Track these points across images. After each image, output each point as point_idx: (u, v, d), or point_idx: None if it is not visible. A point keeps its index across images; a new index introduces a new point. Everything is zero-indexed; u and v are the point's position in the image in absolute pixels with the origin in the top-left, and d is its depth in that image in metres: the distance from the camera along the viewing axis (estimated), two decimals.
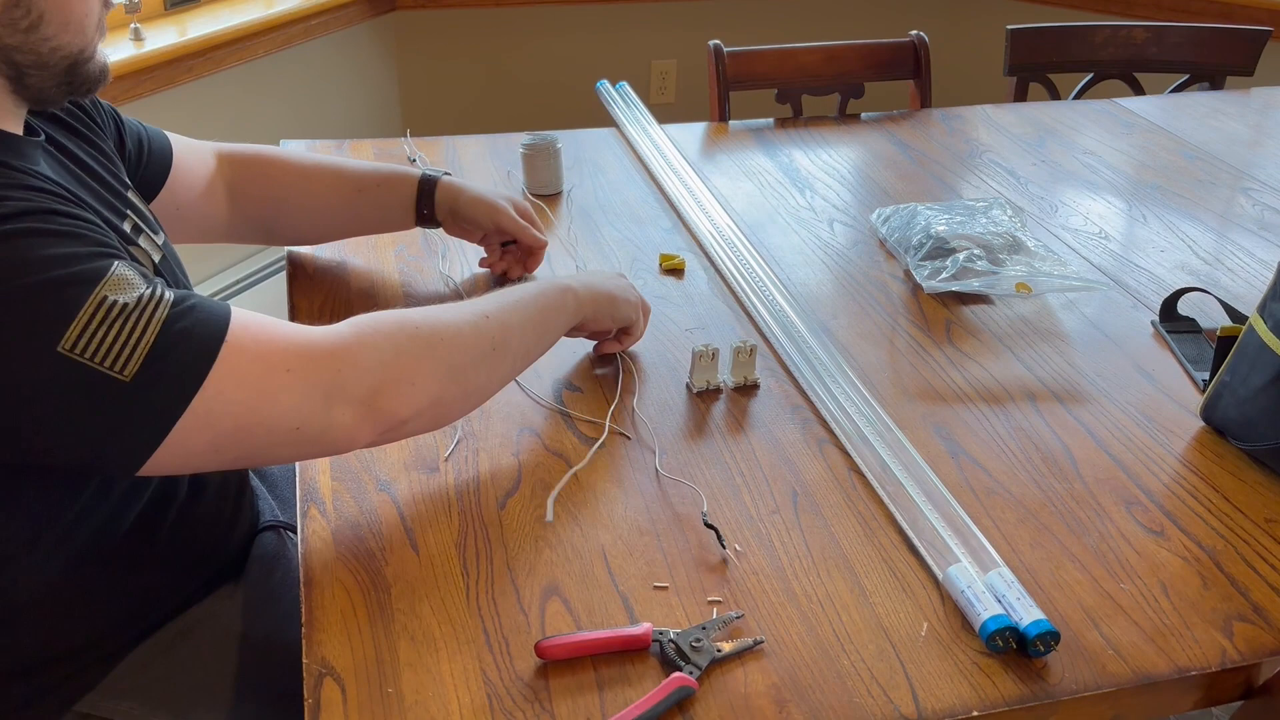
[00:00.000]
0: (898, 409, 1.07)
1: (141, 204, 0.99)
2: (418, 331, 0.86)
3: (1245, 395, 0.99)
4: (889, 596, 0.85)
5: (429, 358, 0.86)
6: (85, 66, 0.84)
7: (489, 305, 0.93)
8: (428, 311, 0.89)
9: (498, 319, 0.92)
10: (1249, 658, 0.80)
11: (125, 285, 0.73)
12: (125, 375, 0.71)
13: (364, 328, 0.84)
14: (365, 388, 0.81)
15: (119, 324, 0.72)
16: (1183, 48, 2.06)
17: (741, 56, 1.91)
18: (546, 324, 0.99)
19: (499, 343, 0.91)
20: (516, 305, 0.95)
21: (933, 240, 1.31)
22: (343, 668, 0.76)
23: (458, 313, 0.90)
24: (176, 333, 0.74)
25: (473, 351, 0.89)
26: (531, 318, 0.97)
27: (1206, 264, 1.37)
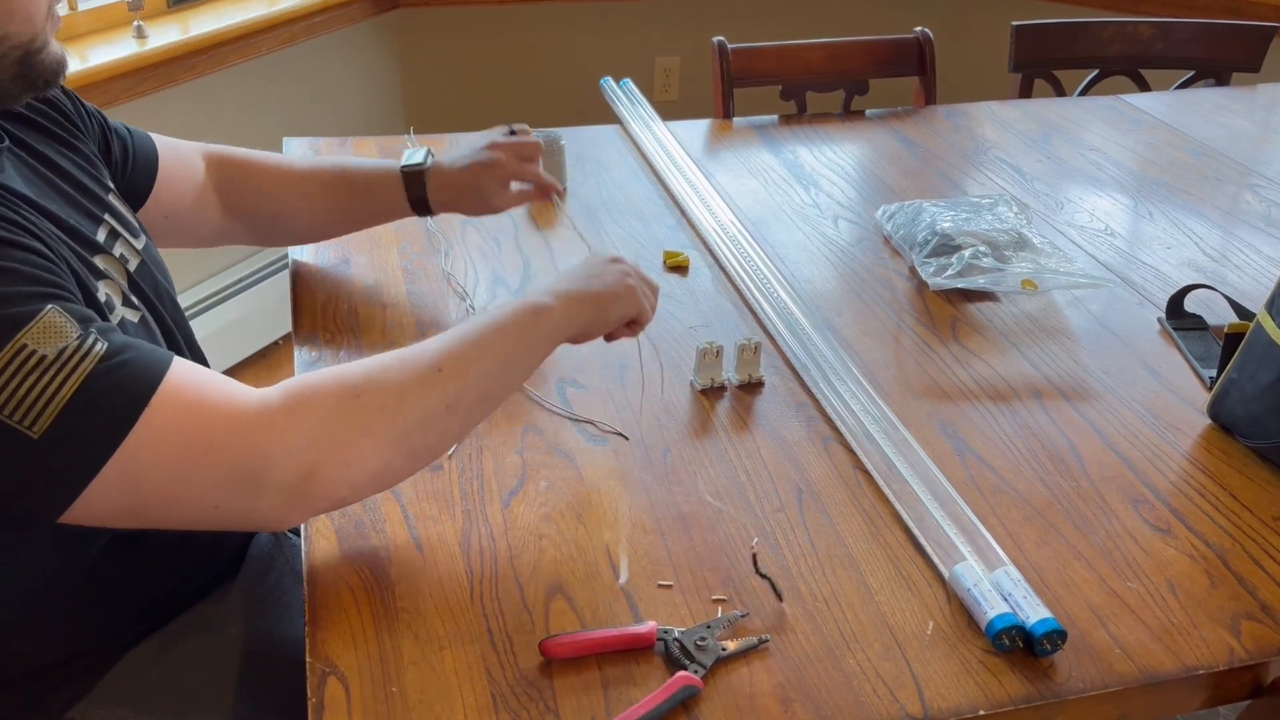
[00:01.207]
0: (903, 407, 1.06)
1: (124, 207, 0.97)
2: (358, 399, 0.77)
3: (1253, 393, 0.98)
4: (894, 595, 0.84)
5: (369, 430, 0.77)
6: (38, 57, 0.81)
7: (444, 353, 0.83)
8: (370, 370, 0.80)
9: (453, 371, 0.82)
10: (1256, 657, 0.80)
11: (51, 333, 0.69)
12: (34, 432, 0.68)
13: (297, 397, 0.77)
14: (294, 471, 0.74)
15: (34, 377, 0.68)
16: (1189, 44, 2.06)
17: (745, 53, 1.90)
18: (517, 360, 0.88)
19: (454, 400, 0.82)
20: (477, 346, 0.85)
21: (938, 237, 1.31)
22: (346, 667, 0.76)
23: (406, 367, 0.81)
24: (96, 391, 0.69)
25: (421, 414, 0.80)
26: (497, 358, 0.85)
27: (1213, 261, 1.36)
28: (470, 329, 0.86)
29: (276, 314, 2.48)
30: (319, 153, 1.58)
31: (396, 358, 0.82)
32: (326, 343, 1.14)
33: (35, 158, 0.90)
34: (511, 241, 1.36)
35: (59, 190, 0.89)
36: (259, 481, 0.74)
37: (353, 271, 1.28)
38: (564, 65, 3.13)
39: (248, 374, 2.45)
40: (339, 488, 0.77)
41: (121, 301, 0.86)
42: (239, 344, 2.46)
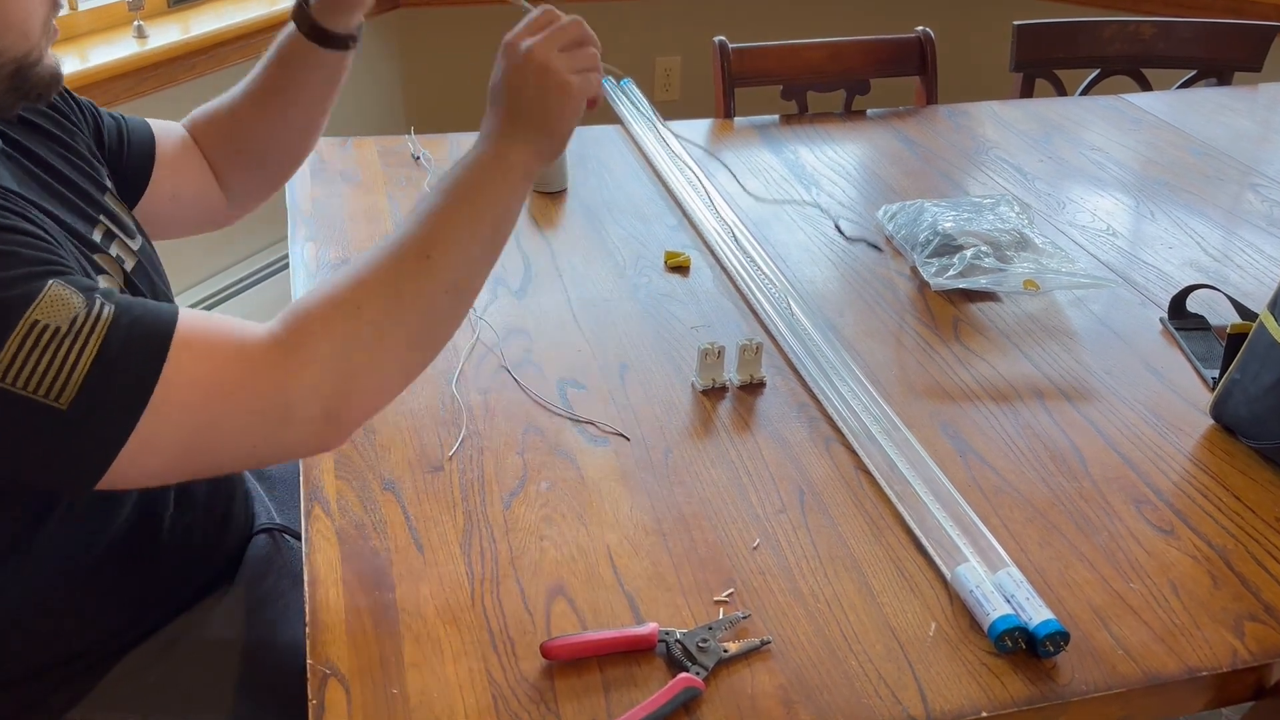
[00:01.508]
0: (905, 407, 1.06)
1: (120, 207, 0.97)
2: (360, 312, 0.76)
3: (1256, 393, 0.98)
4: (897, 596, 0.84)
5: (381, 339, 0.77)
6: (33, 71, 0.80)
7: (428, 238, 0.80)
8: (362, 277, 0.78)
9: (443, 254, 0.79)
10: (1260, 658, 0.79)
11: (59, 307, 0.69)
12: (61, 404, 0.68)
13: (300, 328, 0.76)
14: (319, 399, 0.74)
15: (51, 350, 0.68)
16: (1190, 43, 2.05)
17: (746, 53, 1.90)
18: (501, 218, 0.84)
19: (452, 282, 0.80)
20: (459, 220, 0.81)
21: (940, 237, 1.31)
22: (347, 669, 0.76)
23: (397, 264, 0.79)
24: (114, 354, 0.70)
25: (426, 306, 0.79)
26: (483, 224, 0.82)
27: (1215, 261, 1.36)
28: (445, 202, 0.82)
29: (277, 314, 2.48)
30: (320, 153, 1.58)
31: (383, 255, 0.79)
32: None
33: (31, 160, 0.89)
34: (512, 241, 1.36)
35: (54, 193, 0.89)
36: (287, 416, 0.74)
37: None
38: None
39: None
40: (368, 400, 0.78)
41: None
42: None
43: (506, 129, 0.85)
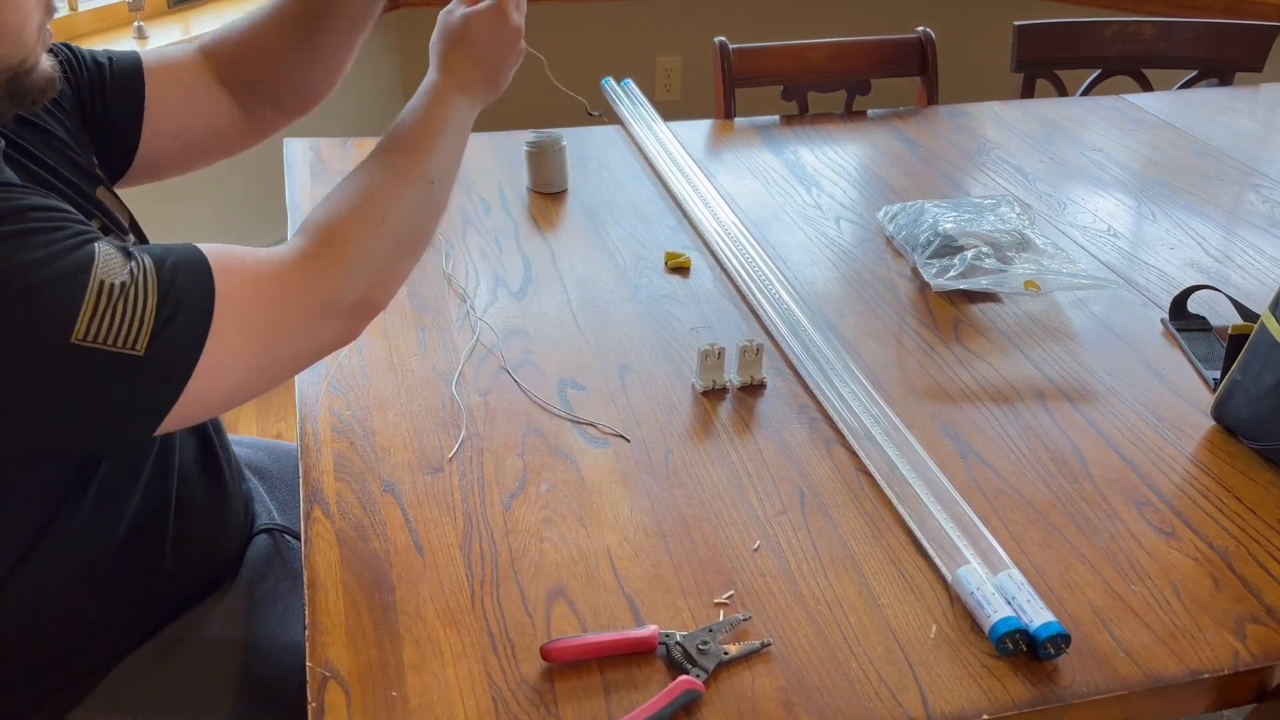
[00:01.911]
0: (905, 408, 1.06)
1: (112, 202, 0.96)
2: (384, 225, 0.88)
3: (1257, 394, 0.98)
4: (897, 598, 0.84)
5: (401, 249, 0.89)
6: (28, 78, 0.80)
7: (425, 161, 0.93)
8: (378, 192, 0.89)
9: (438, 173, 0.93)
10: (1262, 660, 0.79)
11: (114, 264, 0.74)
12: (139, 349, 0.73)
13: (332, 235, 0.85)
14: (353, 298, 0.85)
15: (121, 303, 0.73)
16: (1191, 44, 2.05)
17: (747, 53, 1.90)
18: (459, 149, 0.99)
19: (441, 201, 0.94)
20: (441, 152, 0.94)
21: (940, 238, 1.31)
22: (347, 671, 0.76)
23: (403, 181, 0.91)
24: (173, 297, 0.75)
25: (430, 224, 0.93)
26: (456, 152, 0.97)
27: (1216, 261, 1.36)
28: (421, 134, 0.94)
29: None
30: (319, 154, 1.58)
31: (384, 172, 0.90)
32: None
33: (25, 155, 0.89)
34: (512, 242, 1.36)
35: (49, 188, 0.89)
36: (325, 318, 0.83)
37: None
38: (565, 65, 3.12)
39: None
40: (385, 298, 0.88)
41: None
42: None
43: (461, 71, 0.99)
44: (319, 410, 1.03)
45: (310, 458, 0.97)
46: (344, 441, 0.99)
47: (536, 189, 1.49)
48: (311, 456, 0.97)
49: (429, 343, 1.14)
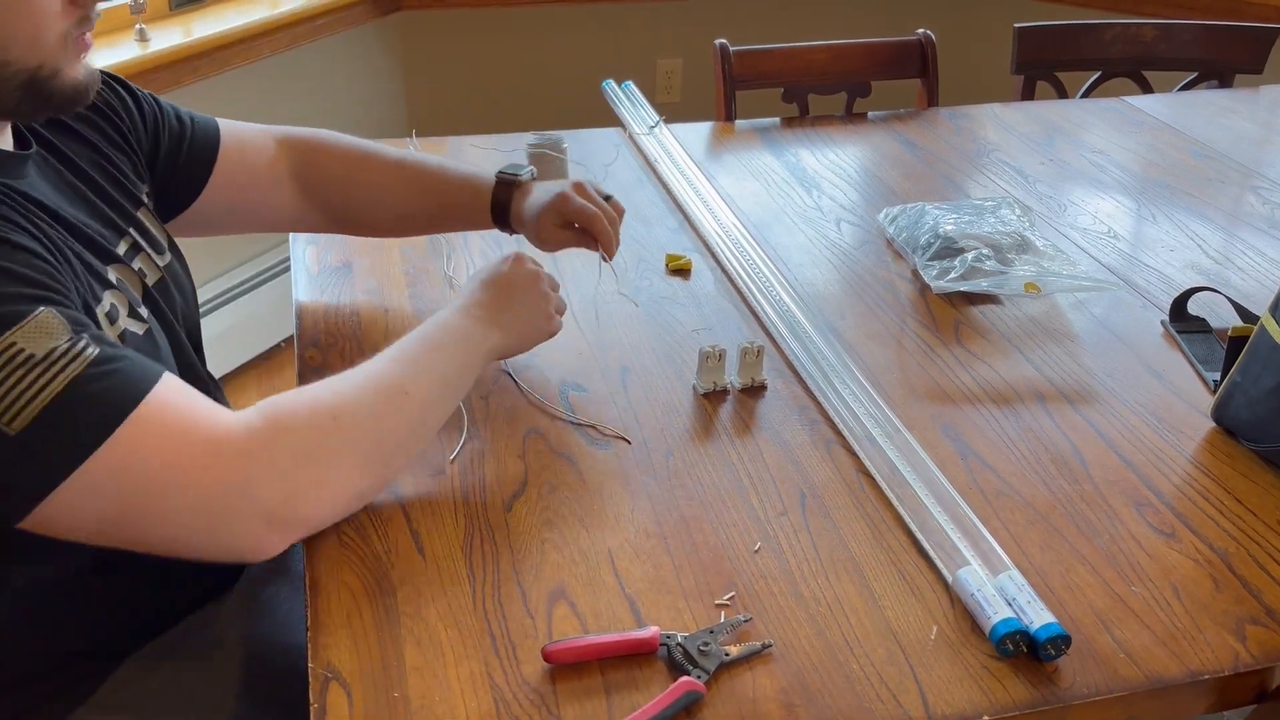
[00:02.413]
0: (906, 410, 1.06)
1: (153, 223, 0.98)
2: (336, 422, 0.80)
3: (1257, 396, 0.98)
4: (898, 600, 0.84)
5: (348, 455, 0.80)
6: (49, 84, 0.80)
7: (407, 376, 0.86)
8: (343, 392, 0.82)
9: (419, 396, 0.86)
10: (1262, 661, 0.79)
11: (43, 334, 0.70)
12: (12, 428, 0.68)
13: (275, 421, 0.77)
14: (275, 495, 0.75)
15: (19, 374, 0.68)
16: (1191, 45, 2.05)
17: (747, 55, 1.90)
18: (460, 385, 0.93)
19: (416, 425, 0.86)
20: (435, 374, 0.89)
21: (941, 240, 1.31)
22: (348, 672, 0.76)
23: (377, 392, 0.84)
24: (80, 396, 0.70)
25: (393, 438, 0.84)
26: (450, 383, 0.91)
27: (1216, 263, 1.36)
28: (420, 349, 0.90)
29: (279, 317, 2.48)
30: None
31: (360, 382, 0.84)
32: (328, 345, 1.14)
33: (66, 165, 0.90)
34: (513, 244, 1.36)
35: (83, 199, 0.90)
36: (236, 508, 0.74)
37: (355, 275, 1.27)
38: (566, 67, 3.13)
39: (250, 376, 2.46)
40: (318, 511, 0.79)
41: (128, 313, 0.86)
42: (242, 347, 2.46)
43: (492, 317, 0.96)
44: None
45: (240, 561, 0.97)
46: None
47: None
48: None
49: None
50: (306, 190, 1.14)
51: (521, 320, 0.99)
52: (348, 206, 1.16)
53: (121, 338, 0.84)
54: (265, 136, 1.14)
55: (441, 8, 2.94)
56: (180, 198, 1.07)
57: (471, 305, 0.96)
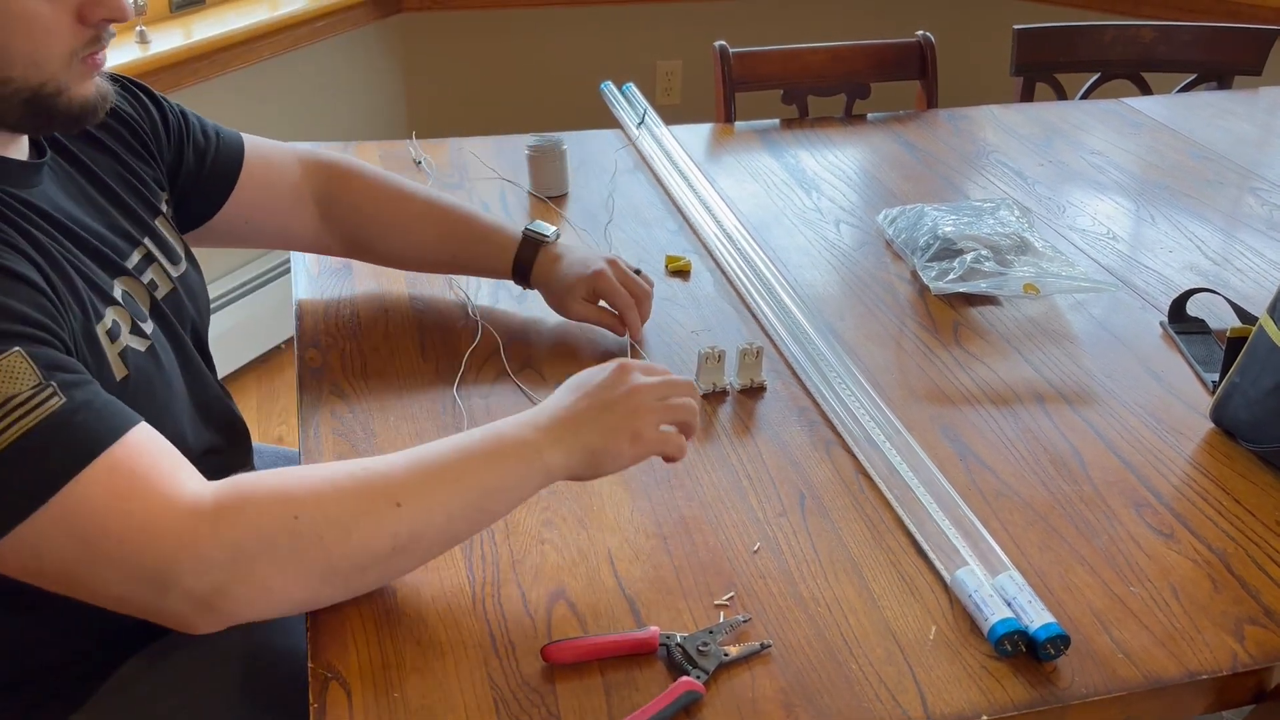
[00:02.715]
0: (905, 411, 1.06)
1: (171, 233, 0.98)
2: (296, 523, 0.71)
3: (1255, 396, 0.98)
4: (897, 600, 0.84)
5: (299, 560, 0.72)
6: (53, 102, 0.79)
7: (409, 484, 0.75)
8: (319, 487, 0.74)
9: (415, 509, 0.75)
10: (1260, 661, 0.80)
11: (6, 379, 0.68)
12: None
13: (230, 506, 0.71)
14: (205, 585, 0.70)
15: None
16: (1190, 47, 2.05)
17: (747, 57, 1.90)
18: (492, 505, 0.79)
19: (406, 542, 0.75)
20: (451, 482, 0.77)
21: (940, 241, 1.31)
22: (348, 672, 0.76)
23: (361, 493, 0.74)
24: (29, 449, 0.68)
25: (365, 555, 0.74)
26: (470, 499, 0.78)
27: (1215, 264, 1.36)
28: (449, 455, 0.78)
29: (279, 318, 2.49)
30: None
31: (352, 476, 0.75)
32: (329, 346, 1.14)
33: (83, 172, 0.90)
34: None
35: (97, 208, 0.90)
36: (165, 586, 0.70)
37: (355, 276, 1.28)
38: (566, 69, 3.13)
39: (250, 378, 2.46)
40: (252, 610, 0.72)
41: (130, 329, 0.86)
42: (242, 348, 2.46)
43: (561, 429, 0.81)
44: (321, 413, 1.04)
45: (312, 461, 0.97)
46: (345, 445, 0.99)
47: (537, 193, 1.50)
48: (313, 460, 0.97)
49: (430, 346, 1.15)
50: (328, 216, 1.15)
51: (597, 443, 0.81)
52: (369, 238, 1.16)
53: (122, 355, 0.84)
54: (291, 156, 1.13)
55: (442, 10, 2.94)
56: (200, 211, 1.07)
57: (542, 415, 0.82)
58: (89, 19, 0.79)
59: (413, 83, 3.03)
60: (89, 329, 0.81)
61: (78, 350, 0.79)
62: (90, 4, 0.79)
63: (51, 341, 0.73)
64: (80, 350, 0.79)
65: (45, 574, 0.71)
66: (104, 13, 0.79)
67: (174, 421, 0.90)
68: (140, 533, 0.70)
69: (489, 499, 0.79)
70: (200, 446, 0.94)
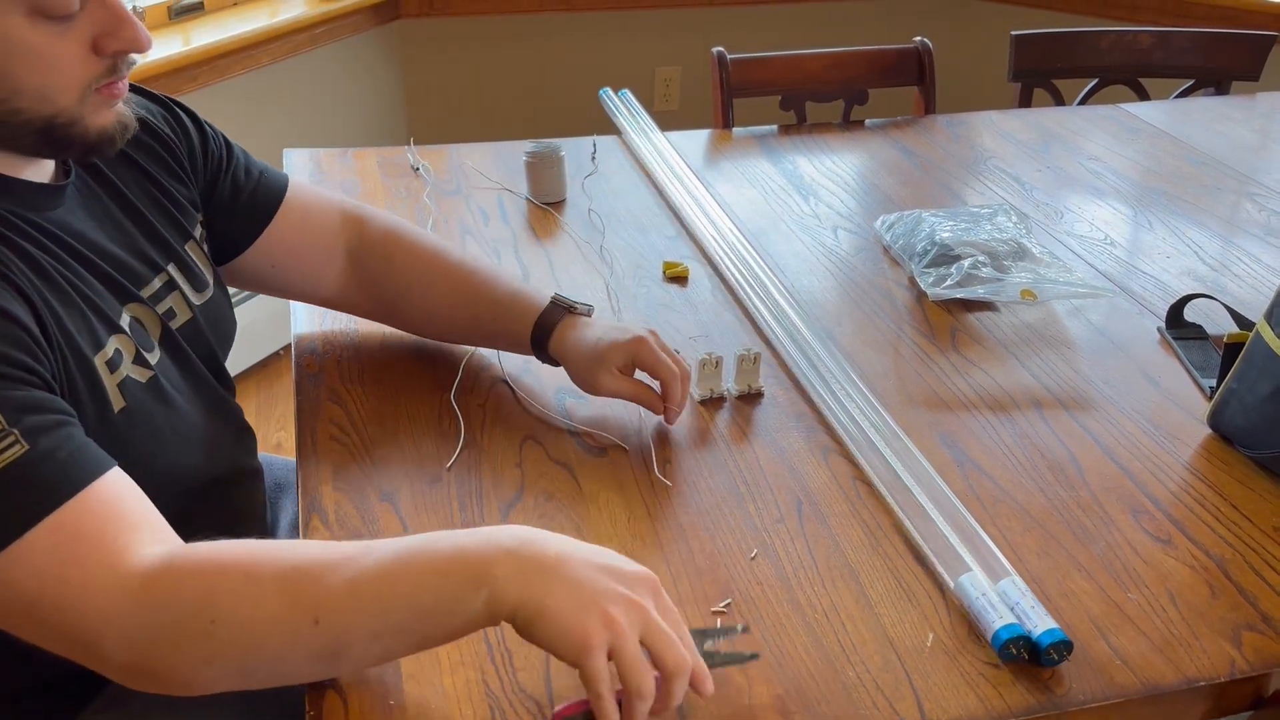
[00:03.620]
0: (903, 417, 1.06)
1: (200, 259, 0.97)
2: (212, 628, 0.68)
3: (1252, 402, 0.98)
4: (894, 606, 0.84)
5: (212, 662, 0.69)
6: (67, 132, 0.78)
7: (332, 599, 0.69)
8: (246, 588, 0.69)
9: (332, 628, 0.68)
10: (1258, 668, 0.79)
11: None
12: None
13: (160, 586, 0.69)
14: (128, 658, 0.69)
15: None
16: (1188, 53, 2.06)
17: (745, 63, 1.91)
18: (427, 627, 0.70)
19: (326, 657, 0.70)
20: (379, 600, 0.69)
21: (937, 247, 1.31)
22: (345, 680, 0.76)
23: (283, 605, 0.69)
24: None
25: (279, 667, 0.71)
26: (399, 623, 0.69)
27: (1213, 270, 1.36)
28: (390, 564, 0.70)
29: (278, 324, 2.49)
30: (319, 164, 1.59)
31: (278, 578, 0.70)
32: (326, 353, 1.14)
33: (111, 193, 0.89)
34: (511, 252, 1.36)
35: (121, 231, 0.89)
36: (92, 652, 0.69)
37: None
38: (565, 75, 3.14)
39: (249, 384, 2.46)
40: (169, 687, 0.71)
41: (134, 359, 0.85)
42: (240, 355, 2.46)
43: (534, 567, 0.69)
44: (318, 420, 1.04)
45: (308, 467, 0.97)
46: (342, 451, 0.99)
47: (535, 199, 1.50)
48: (310, 466, 0.97)
49: (427, 352, 1.14)
50: (358, 269, 1.09)
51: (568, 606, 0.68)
52: (394, 293, 1.10)
53: (121, 386, 0.83)
54: (334, 207, 1.10)
55: (440, 16, 2.94)
56: (226, 247, 1.04)
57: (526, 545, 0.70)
58: (104, 50, 0.77)
59: (411, 89, 3.04)
60: (85, 361, 0.79)
61: (70, 383, 0.78)
62: (105, 35, 0.77)
63: (27, 379, 0.72)
64: (73, 384, 0.78)
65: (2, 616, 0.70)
66: (119, 45, 0.78)
67: (172, 455, 0.89)
68: (72, 602, 0.68)
69: (421, 622, 0.69)
70: (204, 478, 0.93)
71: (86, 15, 0.76)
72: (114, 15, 0.77)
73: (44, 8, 0.73)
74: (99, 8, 0.77)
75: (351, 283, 1.10)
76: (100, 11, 0.77)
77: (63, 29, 0.75)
